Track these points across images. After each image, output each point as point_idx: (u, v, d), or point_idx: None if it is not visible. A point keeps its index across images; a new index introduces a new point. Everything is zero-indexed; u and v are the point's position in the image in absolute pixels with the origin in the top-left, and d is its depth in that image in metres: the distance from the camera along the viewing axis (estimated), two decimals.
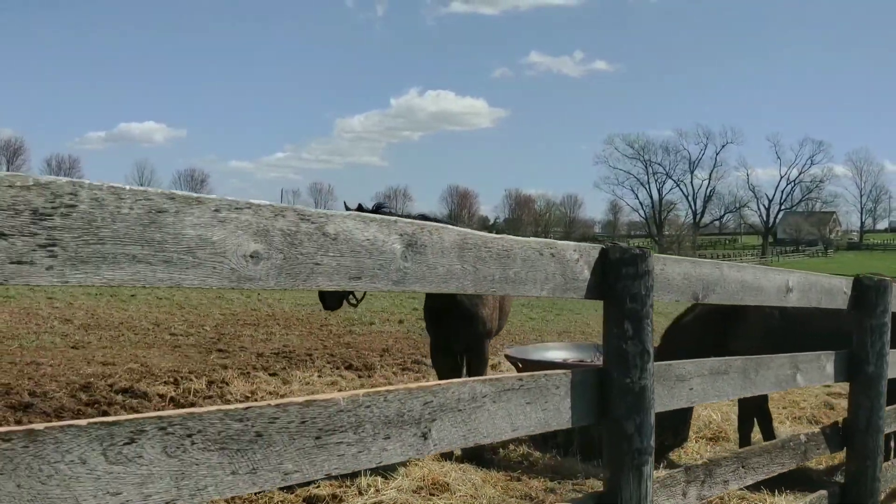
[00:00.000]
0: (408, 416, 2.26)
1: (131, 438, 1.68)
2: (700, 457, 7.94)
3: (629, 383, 2.89)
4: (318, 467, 2.06)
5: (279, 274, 1.91)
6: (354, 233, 2.07)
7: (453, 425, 2.41)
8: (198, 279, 1.76)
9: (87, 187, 1.58)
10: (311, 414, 2.02)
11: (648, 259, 2.93)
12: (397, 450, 2.26)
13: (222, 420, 1.85)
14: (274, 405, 1.96)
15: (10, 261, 1.47)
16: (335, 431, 2.09)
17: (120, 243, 1.62)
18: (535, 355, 8.68)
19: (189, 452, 1.78)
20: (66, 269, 1.55)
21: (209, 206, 1.78)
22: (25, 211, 1.49)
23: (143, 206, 1.65)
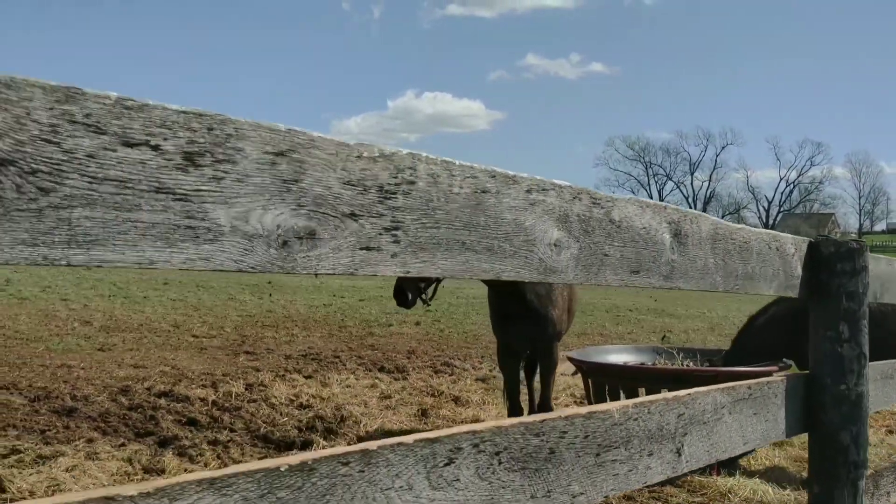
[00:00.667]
0: (665, 430, 2.01)
1: (450, 458, 1.43)
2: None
3: (844, 390, 2.64)
4: (599, 488, 1.82)
5: (576, 265, 1.65)
6: (634, 220, 1.81)
7: (699, 439, 2.16)
8: (513, 270, 1.50)
9: (424, 160, 1.32)
10: (591, 427, 1.77)
11: (865, 254, 2.68)
12: (658, 468, 2.01)
13: (523, 435, 1.60)
14: (563, 417, 1.71)
15: (360, 246, 1.21)
16: (610, 448, 1.85)
17: (451, 227, 1.36)
18: (597, 358, 8.42)
19: (497, 474, 1.53)
20: (407, 257, 1.29)
21: (522, 186, 1.52)
22: (373, 188, 1.24)
23: (470, 184, 1.39)
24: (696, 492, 6.68)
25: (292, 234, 1.14)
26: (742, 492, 6.58)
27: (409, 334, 18.88)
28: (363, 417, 8.94)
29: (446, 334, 18.68)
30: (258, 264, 1.10)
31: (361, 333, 18.22)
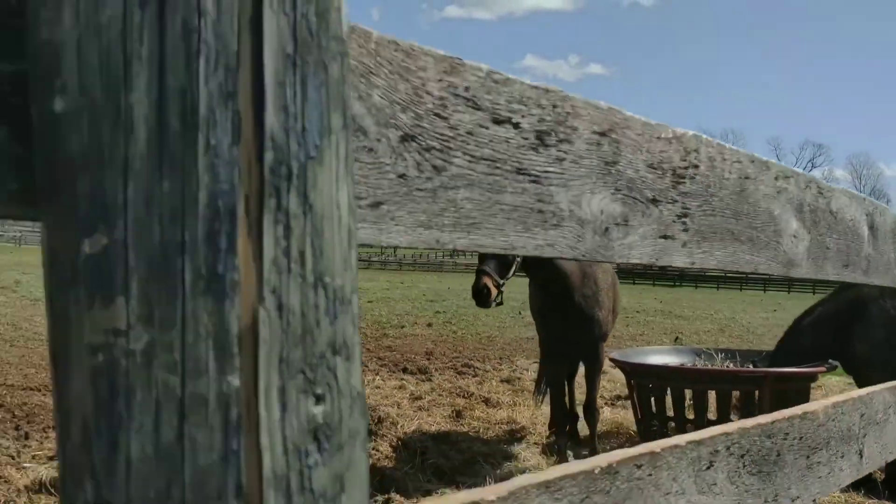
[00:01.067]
0: (851, 431, 1.94)
1: (710, 462, 1.35)
2: None
3: None
4: (809, 491, 1.74)
5: (808, 258, 1.57)
6: (845, 211, 1.74)
7: (875, 440, 2.08)
8: (766, 263, 1.42)
9: (705, 143, 1.24)
10: (804, 429, 1.69)
11: None
12: (847, 470, 1.93)
13: (760, 437, 1.52)
14: (786, 419, 1.63)
15: (659, 234, 1.14)
16: (816, 449, 1.76)
17: (723, 215, 1.28)
18: (637, 359, 8.34)
19: (742, 477, 1.45)
20: (692, 247, 1.21)
21: (772, 172, 1.43)
22: (668, 171, 1.16)
23: (737, 170, 1.31)
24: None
25: (611, 220, 1.06)
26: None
27: (424, 335, 18.82)
28: (399, 419, 8.85)
29: (460, 336, 18.61)
30: (587, 251, 1.03)
31: (376, 335, 18.15)
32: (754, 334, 25.15)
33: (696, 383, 7.55)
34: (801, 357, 7.48)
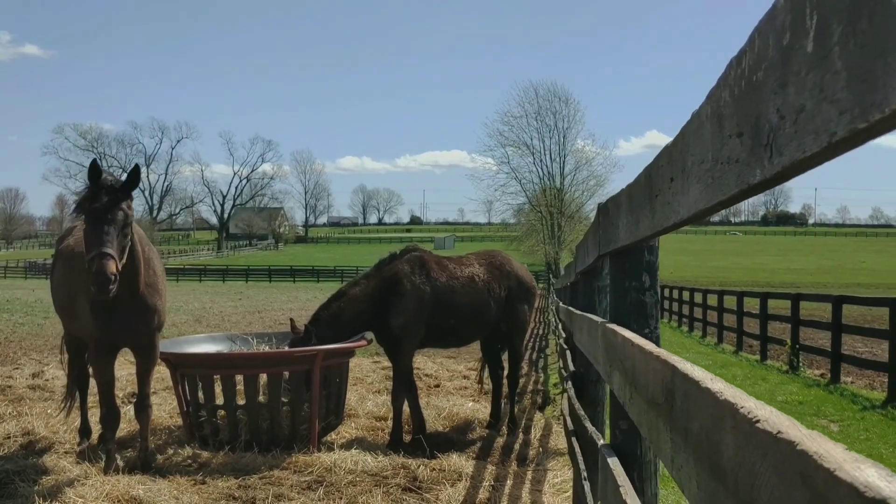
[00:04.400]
0: None
1: None
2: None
3: (648, 334, 3.13)
4: None
5: None
6: None
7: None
8: None
9: None
10: None
11: None
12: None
13: None
14: None
15: None
16: None
17: None
18: (183, 349, 8.05)
19: None
20: None
21: None
22: None
23: None
24: (304, 471, 6.84)
25: None
26: (345, 464, 6.93)
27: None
28: None
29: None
30: None
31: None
32: (230, 321, 25.88)
33: (249, 368, 7.55)
34: (341, 329, 7.98)
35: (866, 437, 8.77)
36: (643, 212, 1.86)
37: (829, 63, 0.64)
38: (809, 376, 14.20)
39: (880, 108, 0.55)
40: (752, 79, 0.88)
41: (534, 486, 6.59)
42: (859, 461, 0.56)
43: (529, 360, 16.02)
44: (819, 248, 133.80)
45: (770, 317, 17.74)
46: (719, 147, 1.05)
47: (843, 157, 0.64)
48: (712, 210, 1.17)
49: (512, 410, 9.10)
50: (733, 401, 0.84)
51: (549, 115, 69.52)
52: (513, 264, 9.11)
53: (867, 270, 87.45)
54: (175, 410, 8.82)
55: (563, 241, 63.86)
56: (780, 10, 0.78)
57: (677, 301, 31.50)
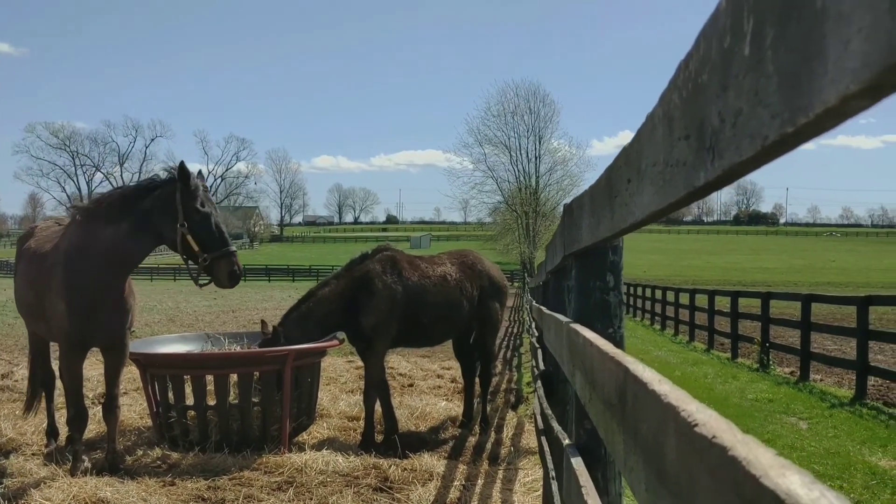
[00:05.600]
0: None
1: None
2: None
3: (612, 333, 3.14)
4: None
5: None
6: None
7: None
8: None
9: None
10: None
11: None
12: None
13: None
14: None
15: None
16: None
17: None
18: (153, 349, 7.97)
19: None
20: None
21: None
22: None
23: None
24: (274, 472, 6.81)
25: None
26: (316, 464, 6.91)
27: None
28: None
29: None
30: None
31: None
32: (204, 321, 25.70)
33: (221, 368, 7.50)
34: (311, 330, 7.94)
35: (834, 434, 8.88)
36: (604, 213, 1.86)
37: (763, 67, 0.64)
38: (779, 374, 14.35)
39: (806, 113, 0.55)
40: (698, 81, 0.88)
41: (505, 485, 6.60)
42: (786, 468, 0.56)
43: (504, 358, 16.06)
44: (790, 247, 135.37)
45: (741, 315, 17.91)
46: (669, 149, 1.05)
47: (814, 157, 0.64)
48: (664, 212, 1.18)
49: (484, 410, 9.11)
50: (676, 403, 0.84)
51: (526, 115, 69.75)
52: (484, 263, 9.12)
53: (837, 270, 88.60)
54: (145, 411, 8.74)
55: (538, 241, 64.09)
56: (722, 12, 0.78)
57: (650, 300, 31.73)
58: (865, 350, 11.41)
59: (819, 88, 0.52)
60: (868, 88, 0.46)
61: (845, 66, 0.48)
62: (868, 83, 0.45)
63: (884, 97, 0.47)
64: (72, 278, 6.29)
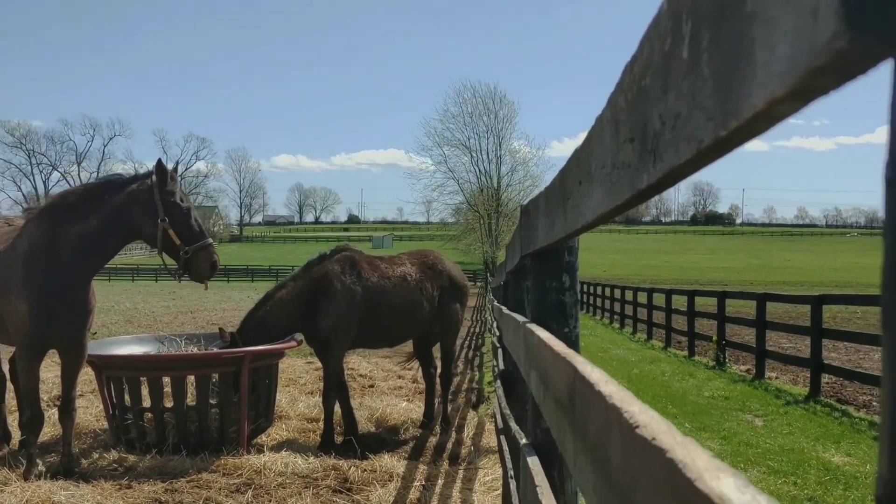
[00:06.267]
0: None
1: None
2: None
3: (567, 333, 3.16)
4: None
5: None
6: None
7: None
8: None
9: None
10: None
11: None
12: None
13: None
14: None
15: None
16: None
17: None
18: (109, 351, 7.84)
19: None
20: None
21: None
22: None
23: None
24: (233, 474, 6.75)
25: None
26: (275, 466, 6.86)
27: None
28: None
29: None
30: None
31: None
32: (162, 321, 25.36)
33: (177, 370, 7.42)
34: (269, 334, 7.88)
35: (789, 431, 9.03)
36: (558, 214, 1.87)
37: (699, 70, 0.64)
38: (735, 372, 14.57)
39: (737, 117, 0.55)
40: (641, 84, 0.88)
41: (465, 484, 6.60)
42: (720, 470, 0.56)
43: (465, 358, 16.08)
44: (746, 247, 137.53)
45: (697, 314, 18.14)
46: (616, 152, 1.06)
47: (770, 159, 0.64)
48: (612, 214, 1.18)
49: (445, 410, 9.11)
50: (619, 405, 0.84)
51: (485, 115, 69.92)
52: (445, 263, 9.11)
53: (792, 269, 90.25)
54: (100, 414, 8.60)
55: (501, 241, 64.34)
56: (663, 15, 0.78)
57: (609, 299, 32.02)
58: (819, 348, 11.63)
59: (748, 93, 0.52)
60: (794, 92, 0.46)
61: (772, 70, 0.48)
62: (793, 87, 0.45)
63: (810, 101, 0.47)
64: (35, 278, 6.17)
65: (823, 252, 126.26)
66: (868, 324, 25.47)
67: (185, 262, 6.51)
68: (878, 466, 0.45)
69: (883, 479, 0.43)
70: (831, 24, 0.38)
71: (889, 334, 0.43)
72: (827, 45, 0.39)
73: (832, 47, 0.38)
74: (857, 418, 9.75)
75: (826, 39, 0.39)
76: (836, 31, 0.38)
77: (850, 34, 0.37)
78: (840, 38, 0.38)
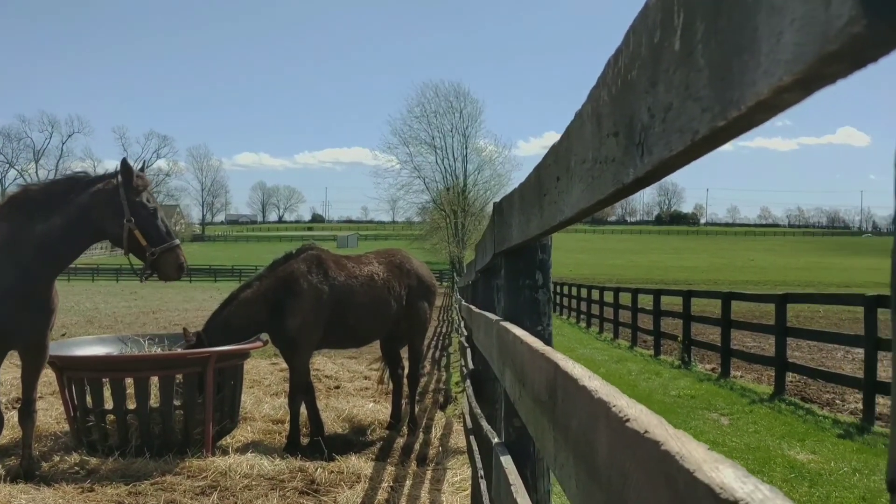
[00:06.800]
0: None
1: None
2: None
3: (540, 331, 3.15)
4: None
5: None
6: None
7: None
8: None
9: None
10: None
11: None
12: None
13: None
14: None
15: None
16: None
17: None
18: (71, 352, 7.71)
19: None
20: None
21: None
22: None
23: None
24: (197, 476, 6.67)
25: None
26: (241, 468, 6.80)
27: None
28: None
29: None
30: None
31: None
32: (123, 322, 25.02)
33: (140, 371, 7.32)
34: (234, 334, 7.80)
35: (755, 429, 9.15)
36: (533, 211, 1.87)
37: (694, 61, 0.64)
38: (701, 371, 14.73)
39: (737, 106, 0.55)
40: (627, 77, 0.88)
41: (433, 485, 6.59)
42: (719, 461, 0.56)
43: (432, 358, 16.07)
44: (710, 246, 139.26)
45: (663, 313, 18.32)
46: (598, 146, 1.05)
47: (734, 159, 0.64)
48: (593, 209, 1.18)
49: (412, 410, 9.09)
50: (607, 399, 0.84)
51: (449, 113, 69.91)
52: (413, 262, 9.09)
53: (756, 268, 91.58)
54: (62, 416, 8.45)
55: (467, 240, 64.42)
56: (651, 8, 0.78)
57: (576, 298, 32.22)
58: (784, 347, 11.80)
59: (752, 81, 0.52)
60: (801, 80, 0.46)
61: (778, 57, 0.48)
62: (801, 74, 0.45)
63: (816, 89, 0.47)
64: None
65: (786, 252, 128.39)
66: (830, 322, 25.93)
67: (152, 264, 6.43)
68: (890, 451, 0.45)
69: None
70: (847, 8, 0.38)
71: None
72: (842, 29, 0.39)
73: (848, 32, 0.38)
74: (821, 416, 9.91)
75: (842, 24, 0.39)
76: (852, 16, 0.38)
77: (867, 19, 0.37)
78: (857, 22, 0.38)
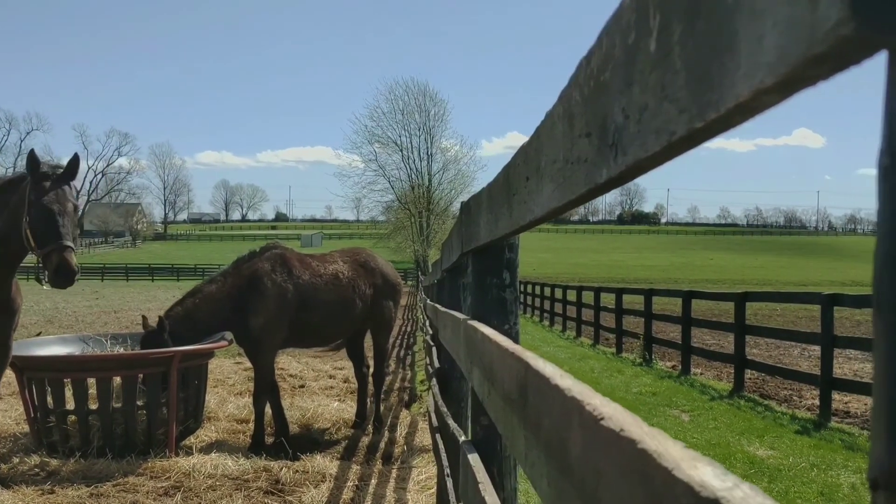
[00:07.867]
0: None
1: None
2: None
3: (508, 329, 3.18)
4: None
5: None
6: None
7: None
8: None
9: None
10: None
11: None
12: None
13: None
14: None
15: None
16: None
17: None
18: (30, 352, 7.57)
19: None
20: None
21: None
22: None
23: None
24: (161, 477, 6.61)
25: None
26: (205, 468, 6.74)
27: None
28: None
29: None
30: None
31: None
32: (84, 322, 24.64)
33: (102, 370, 7.22)
34: (196, 325, 7.71)
35: (715, 425, 9.28)
36: (502, 210, 1.87)
37: (670, 62, 0.65)
38: (662, 368, 14.90)
39: (716, 108, 0.55)
40: (600, 79, 0.88)
41: (398, 484, 6.59)
42: (696, 459, 0.56)
43: (397, 357, 16.05)
44: (671, 245, 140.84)
45: (625, 311, 18.49)
46: (570, 147, 1.06)
47: (693, 159, 0.65)
48: (564, 209, 1.18)
49: (377, 409, 9.07)
50: (580, 398, 0.84)
51: (417, 113, 69.77)
52: (378, 261, 9.07)
53: (715, 267, 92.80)
54: (21, 416, 8.30)
55: (432, 239, 64.38)
56: (626, 9, 0.78)
57: (539, 297, 32.39)
58: (743, 344, 11.98)
59: (731, 83, 0.53)
60: (783, 82, 0.46)
61: (760, 60, 0.48)
62: (784, 77, 0.45)
63: (796, 91, 0.48)
64: None
65: (745, 251, 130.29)
66: (787, 320, 26.37)
67: (45, 268, 5.66)
68: (871, 448, 0.46)
69: (878, 460, 0.44)
70: (836, 10, 0.39)
71: (883, 319, 0.44)
72: (830, 31, 0.39)
73: (836, 34, 0.39)
74: (780, 412, 10.08)
75: (829, 26, 0.39)
76: (841, 18, 0.38)
77: (855, 21, 0.38)
78: (845, 24, 0.38)
